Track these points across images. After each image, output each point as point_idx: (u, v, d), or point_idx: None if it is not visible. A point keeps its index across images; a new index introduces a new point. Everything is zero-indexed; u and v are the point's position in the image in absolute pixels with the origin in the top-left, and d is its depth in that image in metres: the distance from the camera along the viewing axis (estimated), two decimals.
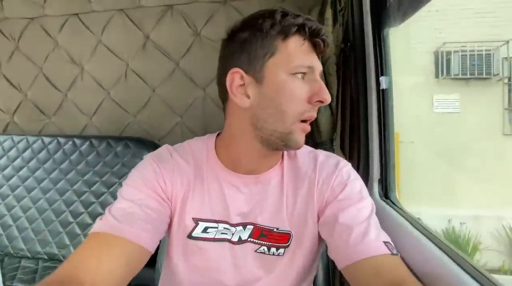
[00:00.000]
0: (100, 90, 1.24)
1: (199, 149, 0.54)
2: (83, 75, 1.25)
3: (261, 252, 0.52)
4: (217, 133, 0.56)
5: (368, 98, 0.82)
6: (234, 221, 0.52)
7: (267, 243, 0.52)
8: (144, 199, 0.48)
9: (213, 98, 1.16)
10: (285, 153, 0.55)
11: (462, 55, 3.78)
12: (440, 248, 0.51)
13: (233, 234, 0.52)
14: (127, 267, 0.44)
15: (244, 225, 0.52)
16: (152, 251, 0.47)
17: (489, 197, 3.49)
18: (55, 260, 1.06)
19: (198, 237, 0.52)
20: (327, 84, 0.91)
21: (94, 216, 1.07)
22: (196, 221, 0.51)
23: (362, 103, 0.83)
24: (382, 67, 0.78)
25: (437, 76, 3.93)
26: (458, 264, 0.45)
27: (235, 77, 0.47)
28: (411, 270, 0.47)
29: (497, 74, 3.77)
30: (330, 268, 0.87)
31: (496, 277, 0.44)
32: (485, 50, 3.76)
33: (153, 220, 0.48)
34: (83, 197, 1.09)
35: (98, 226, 0.46)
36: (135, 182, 0.50)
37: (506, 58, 3.73)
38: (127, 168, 1.08)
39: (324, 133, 0.93)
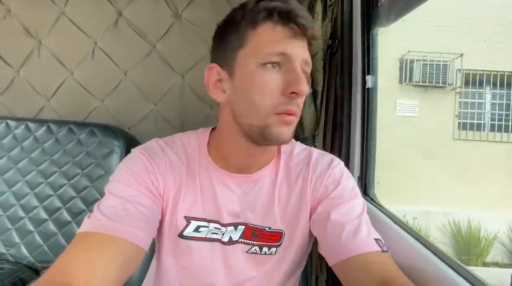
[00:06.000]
0: (61, 69, 1.09)
1: (192, 145, 0.51)
2: (40, 51, 1.09)
3: (252, 253, 0.51)
4: (211, 128, 0.54)
5: (353, 97, 0.83)
6: (226, 221, 0.49)
7: (259, 243, 0.50)
8: (136, 195, 0.46)
9: (192, 86, 1.09)
10: (282, 149, 0.53)
11: (423, 64, 4.10)
12: (420, 242, 0.53)
13: (223, 234, 0.50)
14: (123, 268, 0.41)
15: (236, 225, 0.50)
16: (147, 249, 0.44)
17: (438, 194, 3.88)
18: (1, 260, 0.92)
19: (189, 236, 0.49)
20: (313, 80, 0.91)
21: (51, 211, 0.95)
22: (188, 219, 0.49)
23: (346, 101, 0.84)
24: (368, 66, 0.79)
25: (400, 82, 4.22)
26: (437, 256, 0.48)
27: (212, 72, 0.47)
28: None
29: (451, 84, 4.17)
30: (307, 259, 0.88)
31: None
32: (443, 61, 4.12)
33: (147, 217, 0.45)
34: (37, 189, 0.96)
35: (88, 225, 0.42)
36: (125, 178, 0.46)
37: (459, 69, 4.12)
38: (93, 157, 0.97)
39: (307, 129, 0.93)
